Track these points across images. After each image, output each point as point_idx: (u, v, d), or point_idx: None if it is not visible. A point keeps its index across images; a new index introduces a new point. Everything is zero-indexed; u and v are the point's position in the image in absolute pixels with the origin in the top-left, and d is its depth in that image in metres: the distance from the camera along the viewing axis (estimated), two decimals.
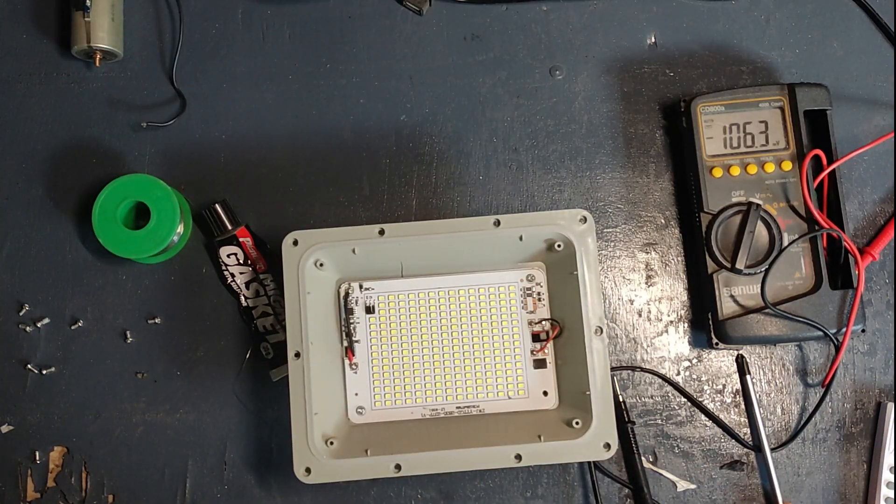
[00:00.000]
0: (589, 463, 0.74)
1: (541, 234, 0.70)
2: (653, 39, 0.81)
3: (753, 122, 0.76)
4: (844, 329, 0.72)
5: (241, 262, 0.76)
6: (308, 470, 0.68)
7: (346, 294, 0.73)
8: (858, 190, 0.79)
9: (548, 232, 0.70)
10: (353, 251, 0.70)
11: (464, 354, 0.73)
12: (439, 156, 0.79)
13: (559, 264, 0.72)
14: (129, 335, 0.77)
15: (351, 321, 0.73)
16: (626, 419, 0.75)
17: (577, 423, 0.69)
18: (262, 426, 0.76)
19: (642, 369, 0.76)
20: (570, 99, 0.80)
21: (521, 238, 0.70)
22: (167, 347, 0.77)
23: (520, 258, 0.73)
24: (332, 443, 0.70)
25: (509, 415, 0.72)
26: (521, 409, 0.72)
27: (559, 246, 0.71)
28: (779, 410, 0.76)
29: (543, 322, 0.73)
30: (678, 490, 0.75)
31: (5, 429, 0.76)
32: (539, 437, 0.69)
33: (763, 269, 0.73)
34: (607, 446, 0.68)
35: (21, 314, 0.77)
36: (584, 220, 0.70)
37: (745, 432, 0.76)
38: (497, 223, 0.70)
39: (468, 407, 0.73)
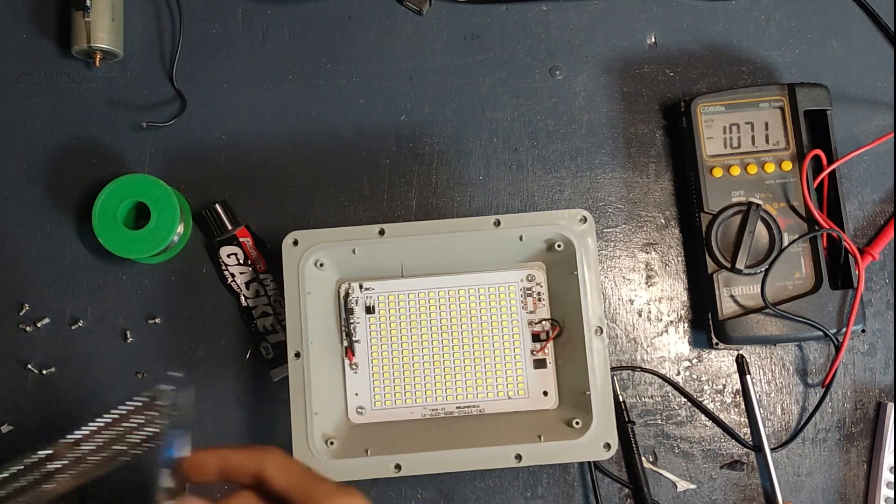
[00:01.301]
0: (589, 463, 0.74)
1: (541, 234, 0.70)
2: (653, 39, 0.81)
3: (753, 122, 0.76)
4: (844, 329, 0.72)
5: (241, 262, 0.76)
6: None
7: (346, 294, 0.73)
8: (858, 190, 0.79)
9: (548, 232, 0.70)
10: (353, 251, 0.70)
11: (464, 354, 0.73)
12: (439, 156, 0.79)
13: (559, 264, 0.72)
14: (129, 335, 0.77)
15: (351, 321, 0.73)
16: (626, 419, 0.75)
17: (577, 423, 0.69)
18: (262, 426, 0.76)
19: (642, 369, 0.76)
20: (570, 99, 0.80)
21: (521, 238, 0.70)
22: (167, 347, 0.77)
23: (520, 258, 0.73)
24: (332, 443, 0.69)
25: (509, 415, 0.72)
26: (521, 409, 0.72)
27: (559, 246, 0.71)
28: (779, 410, 0.76)
29: (543, 322, 0.73)
30: (678, 490, 0.75)
31: (5, 429, 0.76)
32: (539, 437, 0.69)
33: (763, 269, 0.73)
34: (607, 446, 0.67)
35: (21, 314, 0.77)
36: (584, 220, 0.70)
37: (745, 432, 0.76)
38: (497, 223, 0.70)
39: (468, 407, 0.73)
